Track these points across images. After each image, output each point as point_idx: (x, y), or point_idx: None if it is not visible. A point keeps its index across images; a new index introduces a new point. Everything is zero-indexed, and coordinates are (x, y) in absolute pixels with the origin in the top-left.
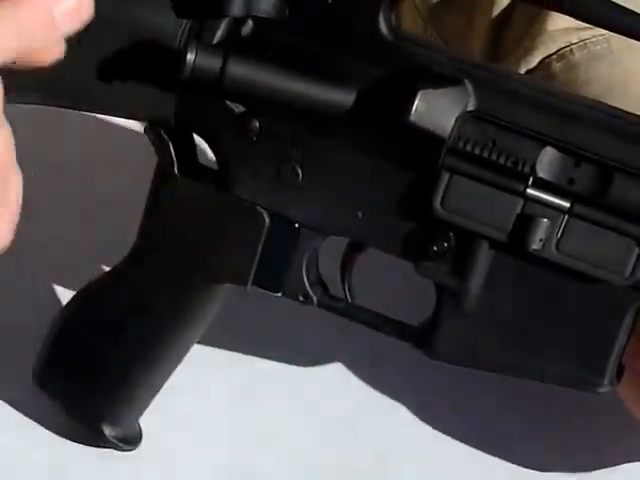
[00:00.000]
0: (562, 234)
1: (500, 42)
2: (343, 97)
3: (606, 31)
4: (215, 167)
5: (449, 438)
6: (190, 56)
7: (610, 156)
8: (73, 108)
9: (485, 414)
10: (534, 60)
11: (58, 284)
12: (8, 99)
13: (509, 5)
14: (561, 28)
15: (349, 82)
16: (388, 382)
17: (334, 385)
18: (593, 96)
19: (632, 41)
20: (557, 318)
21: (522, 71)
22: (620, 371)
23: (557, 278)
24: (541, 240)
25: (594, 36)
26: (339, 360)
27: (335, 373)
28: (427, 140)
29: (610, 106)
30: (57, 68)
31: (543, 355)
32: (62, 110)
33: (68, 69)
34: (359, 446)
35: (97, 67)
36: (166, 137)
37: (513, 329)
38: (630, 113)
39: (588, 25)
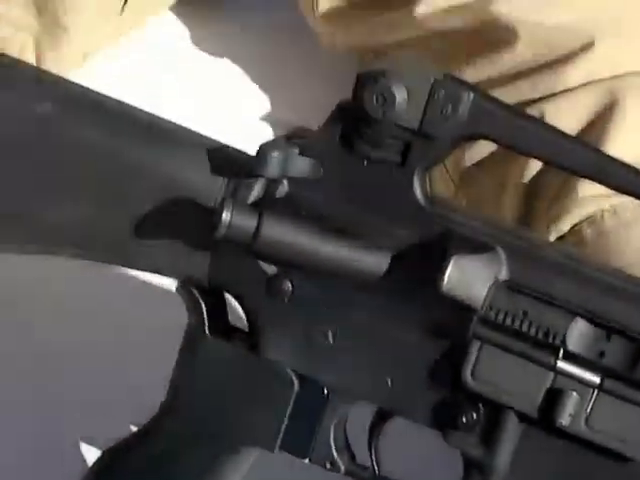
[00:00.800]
0: (591, 409)
1: (531, 207)
2: (375, 262)
3: None
4: (245, 327)
5: None
6: (226, 215)
7: None
8: (107, 262)
9: None
10: (565, 226)
11: (85, 442)
12: (44, 251)
13: (540, 171)
14: (592, 194)
15: (382, 246)
16: None
17: None
18: (625, 264)
19: None
20: None
21: (553, 237)
22: None
23: (586, 454)
24: (570, 415)
25: (624, 202)
26: None
27: None
28: (459, 308)
29: None
30: (91, 223)
31: None
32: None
33: (102, 224)
34: None
35: (132, 223)
36: (198, 296)
37: None
38: None
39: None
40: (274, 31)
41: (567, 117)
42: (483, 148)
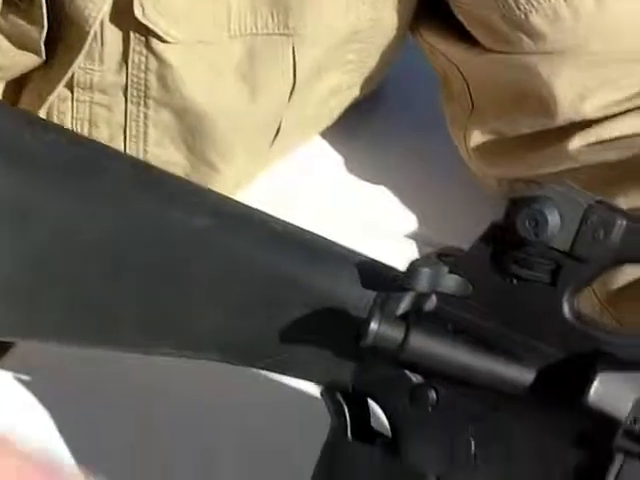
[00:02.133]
0: None
1: None
2: (522, 375)
3: None
4: (387, 432)
5: None
6: (374, 325)
7: None
8: (251, 366)
9: None
10: None
11: None
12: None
13: None
14: None
15: (528, 361)
16: None
17: None
18: None
19: None
20: None
21: None
22: None
23: None
24: None
25: None
26: None
27: None
28: (604, 422)
29: None
30: (244, 333)
31: None
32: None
33: (254, 333)
34: None
35: (283, 329)
36: (342, 401)
37: None
38: None
39: None
40: (424, 153)
41: None
42: (631, 272)
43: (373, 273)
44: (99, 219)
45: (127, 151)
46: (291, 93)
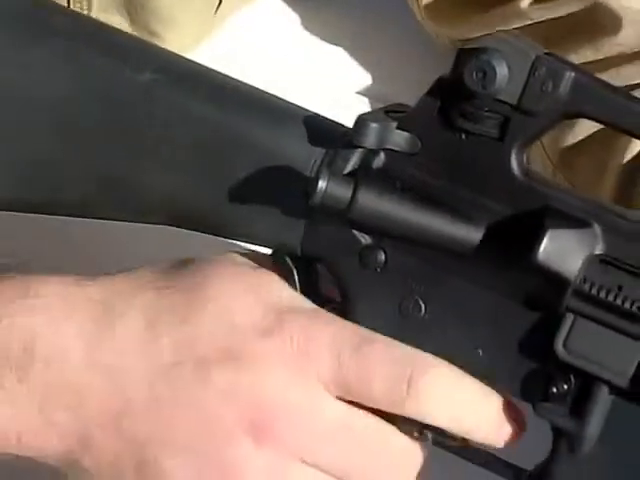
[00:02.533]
0: None
1: (630, 194)
2: (470, 233)
3: None
4: (337, 297)
5: None
6: (322, 183)
7: None
8: (202, 231)
9: None
10: None
11: None
12: (138, 219)
13: None
14: None
15: (477, 218)
16: None
17: None
18: None
19: None
20: None
21: None
22: None
23: None
24: None
25: None
26: None
27: None
28: (553, 281)
29: None
30: (188, 192)
31: None
32: None
33: (199, 193)
34: None
35: (229, 191)
36: (291, 265)
37: (629, 477)
38: None
39: None
40: (375, 11)
41: None
42: (582, 130)
43: (321, 130)
44: (48, 74)
45: None
46: None
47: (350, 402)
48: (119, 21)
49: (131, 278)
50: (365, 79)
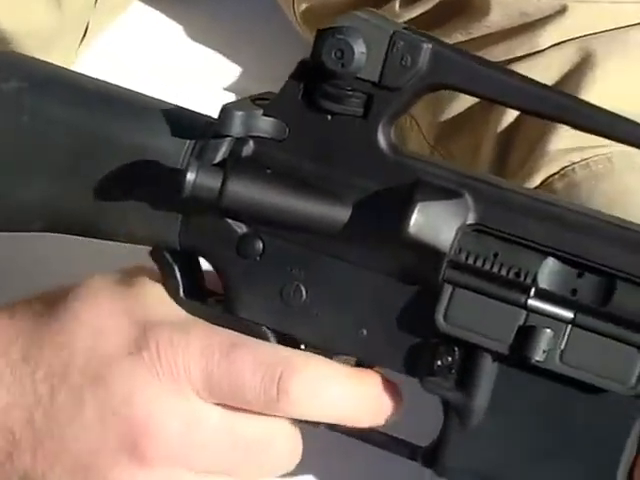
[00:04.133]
0: (566, 345)
1: (505, 164)
2: (343, 214)
3: (608, 150)
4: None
5: None
6: (191, 175)
7: (613, 265)
8: (80, 235)
9: None
10: (537, 180)
11: None
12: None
13: (513, 128)
14: (563, 148)
15: (348, 198)
16: None
17: None
18: None
19: (633, 160)
20: (564, 431)
21: None
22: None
23: (563, 389)
24: (544, 351)
25: (597, 155)
26: None
27: None
28: (428, 254)
29: (612, 216)
30: (60, 198)
31: (551, 469)
32: None
33: (72, 197)
34: None
35: (102, 193)
36: (171, 260)
37: (520, 444)
38: (631, 222)
39: (590, 144)
40: (244, 12)
41: (539, 75)
42: (456, 107)
43: (187, 122)
44: None
45: None
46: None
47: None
48: None
49: (13, 313)
50: (235, 78)
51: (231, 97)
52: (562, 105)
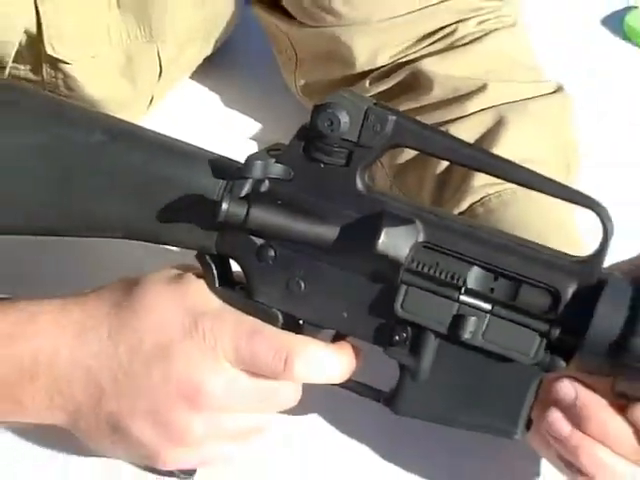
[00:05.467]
0: (486, 328)
1: (442, 195)
2: (330, 233)
3: (513, 185)
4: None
5: None
6: (224, 206)
7: (518, 272)
8: (145, 241)
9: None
10: (464, 206)
11: None
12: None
13: (447, 170)
14: (483, 184)
15: (335, 222)
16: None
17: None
18: (507, 230)
19: (530, 192)
20: (485, 386)
21: (456, 213)
22: (529, 424)
23: (484, 357)
24: (471, 332)
25: (506, 189)
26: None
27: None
28: (390, 263)
29: (517, 236)
30: (134, 216)
31: (477, 412)
32: None
33: (142, 216)
34: None
35: (160, 213)
36: (210, 261)
37: (454, 394)
38: (529, 241)
39: (501, 181)
40: (264, 82)
41: (465, 132)
42: (408, 155)
43: (222, 166)
44: (22, 143)
45: None
46: (159, 75)
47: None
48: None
49: (98, 301)
50: (256, 129)
51: (254, 145)
52: (478, 159)
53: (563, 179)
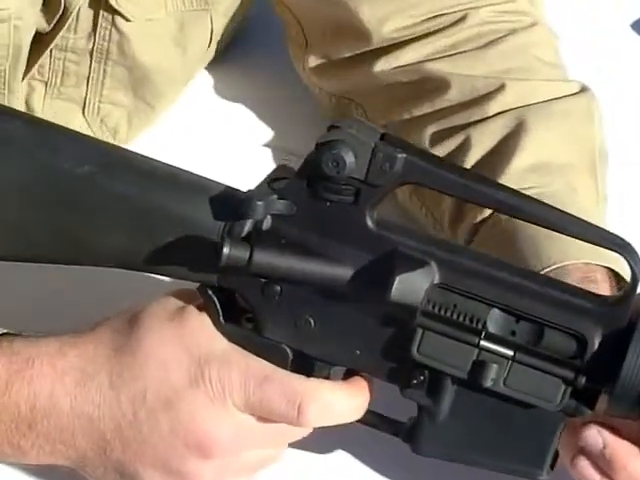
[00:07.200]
0: (508, 374)
1: (463, 204)
2: (339, 273)
3: None
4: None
5: None
6: (226, 250)
7: (540, 316)
8: (140, 271)
9: None
10: (487, 213)
11: None
12: (95, 265)
13: None
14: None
15: (344, 264)
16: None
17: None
18: None
19: None
20: (508, 431)
21: (478, 220)
22: (554, 462)
23: (507, 403)
24: (492, 379)
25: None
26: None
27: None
28: (405, 308)
29: (544, 276)
30: (128, 248)
31: (499, 454)
32: None
33: (136, 250)
34: None
35: (159, 249)
36: (212, 296)
37: (475, 436)
38: (558, 281)
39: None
40: (278, 81)
41: (486, 137)
42: None
43: (223, 201)
44: (9, 169)
45: (87, 94)
46: (208, 45)
47: None
48: (122, 97)
49: (98, 344)
50: (267, 131)
51: (267, 152)
52: (494, 198)
53: (589, 184)
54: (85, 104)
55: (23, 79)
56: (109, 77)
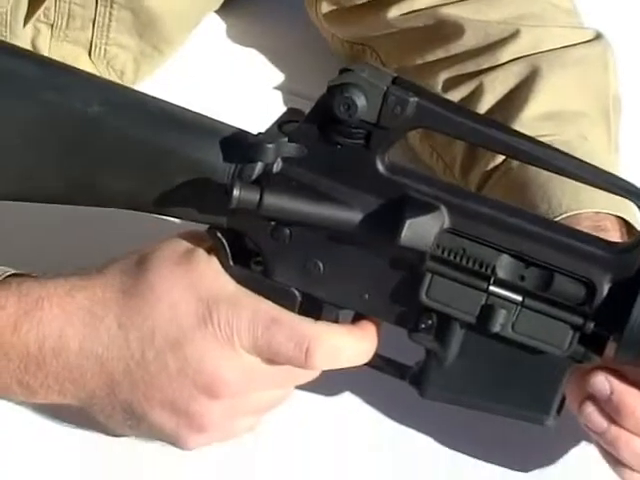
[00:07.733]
0: (516, 319)
1: (474, 149)
2: (349, 217)
3: None
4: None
5: None
6: (236, 192)
7: (550, 262)
8: (159, 214)
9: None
10: (499, 160)
11: None
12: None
13: None
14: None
15: (355, 207)
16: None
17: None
18: None
19: None
20: (515, 376)
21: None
22: (560, 409)
23: (514, 349)
24: (501, 324)
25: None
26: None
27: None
28: (414, 253)
29: (555, 222)
30: (139, 190)
31: (505, 400)
32: None
33: (147, 191)
34: None
35: (168, 192)
36: (222, 238)
37: (482, 381)
38: (568, 227)
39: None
40: (289, 26)
41: (500, 84)
42: None
43: (233, 143)
44: (18, 110)
45: (94, 37)
46: None
47: None
48: (129, 40)
49: (106, 286)
50: (278, 75)
51: (277, 95)
52: (506, 144)
53: (603, 131)
54: (91, 47)
55: (29, 22)
56: (115, 21)
